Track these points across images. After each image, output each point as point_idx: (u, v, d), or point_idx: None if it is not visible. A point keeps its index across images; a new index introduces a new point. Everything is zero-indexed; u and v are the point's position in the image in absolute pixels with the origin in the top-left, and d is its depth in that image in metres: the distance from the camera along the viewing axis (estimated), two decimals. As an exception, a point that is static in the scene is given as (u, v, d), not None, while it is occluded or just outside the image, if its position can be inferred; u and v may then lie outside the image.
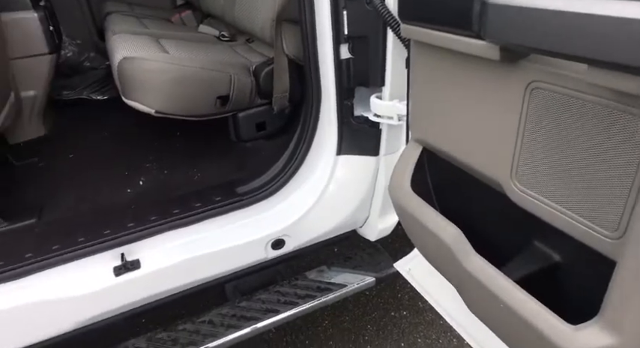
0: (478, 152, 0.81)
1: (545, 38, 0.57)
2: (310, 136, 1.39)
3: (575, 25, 0.53)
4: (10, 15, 1.62)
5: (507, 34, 0.61)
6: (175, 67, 1.32)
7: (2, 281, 1.12)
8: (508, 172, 0.75)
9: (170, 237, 1.30)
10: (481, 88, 0.75)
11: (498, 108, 0.73)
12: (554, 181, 0.68)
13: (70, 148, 1.78)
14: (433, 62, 0.84)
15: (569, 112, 0.63)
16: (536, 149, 0.69)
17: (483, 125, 0.78)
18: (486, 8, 0.63)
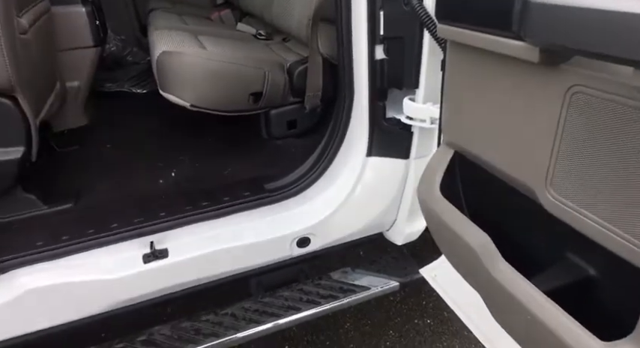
0: (512, 157, 0.79)
1: (590, 39, 0.54)
2: (341, 137, 1.39)
3: (623, 25, 0.50)
4: (60, 8, 1.70)
5: (550, 35, 0.59)
6: (211, 62, 1.34)
7: (40, 261, 1.17)
8: (543, 179, 0.73)
9: (198, 228, 1.32)
10: (518, 91, 0.73)
11: (535, 112, 0.71)
12: (592, 190, 0.65)
13: (108, 137, 1.84)
14: (469, 64, 0.82)
15: (612, 119, 0.60)
16: (575, 157, 0.67)
17: (519, 130, 0.75)
18: (528, 7, 0.61)
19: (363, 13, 1.17)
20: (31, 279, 1.16)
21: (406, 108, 1.25)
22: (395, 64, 1.22)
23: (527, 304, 0.71)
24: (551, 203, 0.72)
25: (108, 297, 1.24)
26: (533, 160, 0.74)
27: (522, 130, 0.75)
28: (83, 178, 1.53)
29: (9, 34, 1.14)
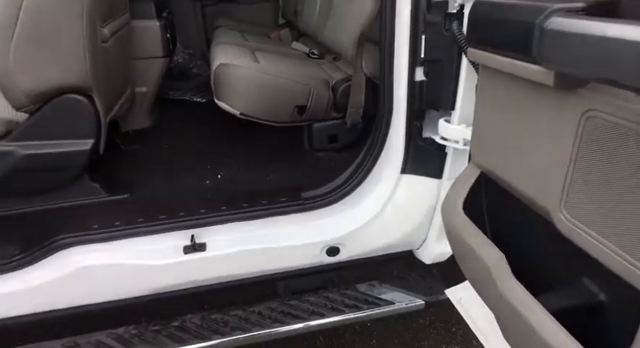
0: (530, 178, 0.81)
1: (601, 67, 0.58)
2: (377, 152, 1.44)
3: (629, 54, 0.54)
4: (138, 22, 1.90)
5: (564, 61, 0.63)
6: (262, 76, 1.46)
7: (93, 242, 1.31)
8: (557, 200, 0.75)
9: (236, 227, 1.42)
10: (536, 114, 0.76)
11: (552, 134, 0.74)
12: (603, 215, 0.67)
13: (167, 139, 2.01)
14: (495, 87, 0.86)
15: (625, 145, 0.62)
16: (589, 180, 0.69)
17: (537, 151, 0.78)
18: (546, 34, 0.65)
19: (405, 37, 1.24)
20: (84, 258, 1.30)
21: (441, 129, 1.29)
22: (433, 86, 1.27)
23: (531, 321, 0.72)
24: (564, 225, 0.74)
25: (148, 281, 1.35)
26: (549, 181, 0.76)
27: (540, 151, 0.77)
28: (140, 173, 1.69)
29: (92, 42, 1.32)
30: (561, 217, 0.74)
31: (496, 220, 1.01)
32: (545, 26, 0.64)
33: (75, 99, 1.38)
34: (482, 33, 0.83)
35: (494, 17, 0.79)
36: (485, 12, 0.82)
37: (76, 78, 1.34)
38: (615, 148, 0.64)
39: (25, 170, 1.39)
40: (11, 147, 1.36)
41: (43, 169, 1.42)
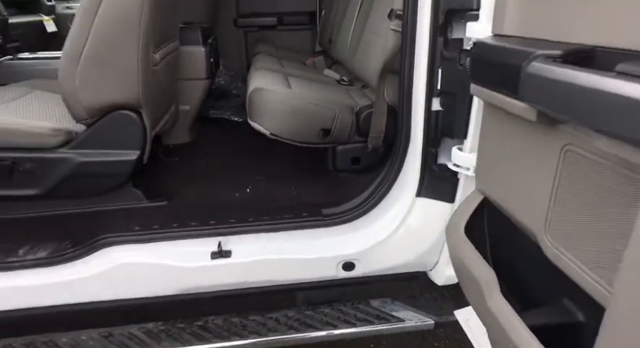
0: (521, 205, 0.89)
1: (567, 108, 0.67)
2: (394, 175, 1.53)
3: (590, 99, 0.62)
4: (186, 47, 2.11)
5: (540, 101, 0.72)
6: (291, 100, 1.60)
7: (133, 242, 1.46)
8: (543, 226, 0.82)
9: (260, 237, 1.53)
10: (525, 145, 0.84)
11: (539, 165, 0.82)
12: (579, 240, 0.74)
13: (204, 154, 2.18)
14: (493, 119, 0.96)
15: (594, 177, 0.70)
16: (566, 208, 0.76)
17: (526, 180, 0.86)
18: (527, 76, 0.74)
19: (423, 69, 1.34)
20: (123, 255, 1.45)
21: (454, 156, 1.37)
22: (448, 115, 1.36)
23: (511, 335, 0.79)
24: (548, 248, 0.81)
25: (177, 282, 1.48)
26: (536, 208, 0.84)
27: (529, 180, 0.86)
28: (178, 183, 1.85)
29: (144, 66, 1.50)
30: (546, 241, 0.82)
31: (496, 242, 1.08)
32: (528, 69, 0.73)
33: (126, 115, 1.56)
34: (482, 71, 0.93)
35: (490, 58, 0.89)
36: (484, 53, 0.92)
37: (129, 97, 1.52)
38: (587, 179, 0.72)
39: (79, 175, 1.58)
40: (70, 154, 1.55)
41: (94, 175, 1.61)
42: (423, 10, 1.30)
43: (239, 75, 3.14)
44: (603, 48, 0.68)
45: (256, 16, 3.28)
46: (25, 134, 1.53)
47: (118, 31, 1.43)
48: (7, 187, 1.53)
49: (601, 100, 0.56)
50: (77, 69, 1.46)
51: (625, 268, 0.57)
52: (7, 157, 1.52)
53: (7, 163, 1.51)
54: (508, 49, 0.83)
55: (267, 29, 3.29)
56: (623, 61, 0.60)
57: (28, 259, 1.41)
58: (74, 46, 1.44)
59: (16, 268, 1.39)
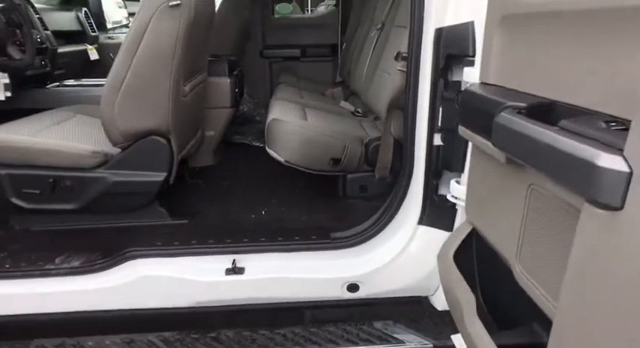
0: (499, 235, 0.99)
1: (524, 154, 0.78)
2: (398, 204, 1.64)
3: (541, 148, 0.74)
4: (213, 78, 2.30)
5: (504, 147, 0.83)
6: (305, 131, 1.75)
7: (155, 256, 1.61)
8: (515, 255, 0.92)
9: (271, 257, 1.65)
10: (501, 182, 0.95)
11: (512, 200, 0.92)
12: (540, 268, 0.84)
13: (226, 177, 2.35)
14: (477, 157, 1.07)
15: (551, 213, 0.81)
16: (532, 239, 0.86)
17: (503, 213, 0.97)
18: (496, 124, 0.86)
19: (426, 107, 1.46)
20: (146, 268, 1.59)
21: (452, 188, 1.47)
22: (448, 150, 1.47)
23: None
24: (518, 275, 0.91)
25: (194, 295, 1.61)
26: (510, 239, 0.94)
27: (505, 213, 0.96)
28: (200, 204, 2.01)
29: (175, 98, 1.68)
30: (517, 269, 0.91)
31: (483, 269, 1.17)
32: (497, 118, 0.85)
33: (156, 140, 1.74)
34: (466, 115, 1.05)
35: (473, 104, 1.01)
36: (469, 99, 1.04)
37: (160, 124, 1.70)
38: (546, 215, 0.82)
39: (112, 193, 1.75)
40: (105, 173, 1.73)
41: (125, 193, 1.78)
42: (426, 54, 1.43)
43: (263, 102, 3.32)
44: (560, 103, 0.79)
45: (281, 48, 3.50)
46: (67, 155, 1.72)
47: (153, 68, 1.61)
48: (49, 201, 1.72)
49: (544, 150, 0.68)
50: (117, 99, 1.64)
51: (564, 287, 0.67)
52: (50, 174, 1.71)
53: (51, 180, 1.69)
54: (486, 98, 0.95)
55: (291, 60, 3.49)
56: (572, 116, 0.72)
57: (63, 268, 1.57)
58: (115, 80, 1.63)
59: (52, 274, 1.55)
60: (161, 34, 1.57)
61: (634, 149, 0.53)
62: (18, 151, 1.69)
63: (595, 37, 0.69)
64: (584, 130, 0.63)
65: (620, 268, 0.55)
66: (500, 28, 1.01)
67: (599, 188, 0.56)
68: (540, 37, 0.86)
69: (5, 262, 1.60)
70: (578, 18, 0.73)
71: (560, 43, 0.79)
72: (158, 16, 1.54)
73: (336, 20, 3.56)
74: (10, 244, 1.71)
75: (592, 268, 0.60)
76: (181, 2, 1.55)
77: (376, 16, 2.49)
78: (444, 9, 1.36)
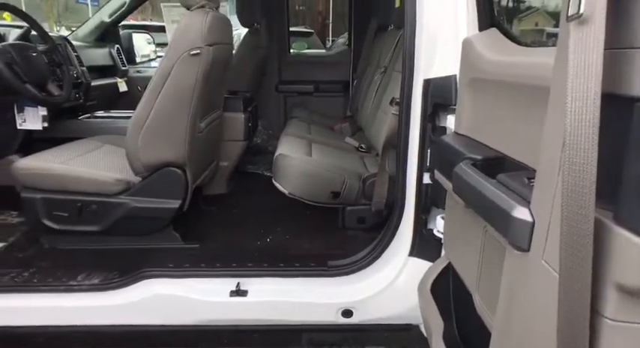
0: (465, 270, 1.12)
1: (470, 200, 0.92)
2: (391, 237, 1.77)
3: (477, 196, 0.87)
4: (228, 114, 2.51)
5: (461, 194, 0.98)
6: (308, 166, 1.91)
7: (167, 276, 1.77)
8: (475, 287, 1.05)
9: (272, 281, 1.79)
10: (464, 222, 1.09)
11: (472, 239, 1.06)
12: (491, 299, 0.96)
13: (237, 205, 2.52)
14: (449, 199, 1.21)
15: (496, 252, 0.94)
16: (486, 273, 0.99)
17: (467, 250, 1.10)
18: (454, 173, 1.00)
19: (416, 149, 1.61)
20: (158, 287, 1.75)
21: (438, 224, 1.60)
22: (436, 188, 1.61)
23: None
24: (477, 304, 1.04)
25: (200, 314, 1.76)
26: (472, 272, 1.07)
27: (468, 250, 1.09)
28: (211, 229, 2.18)
29: (191, 133, 1.88)
30: (476, 299, 1.04)
31: (456, 299, 1.29)
32: (456, 168, 0.99)
33: (173, 171, 1.93)
34: (440, 161, 1.20)
35: (444, 152, 1.16)
36: (441, 148, 1.19)
37: (177, 157, 1.89)
38: (494, 253, 0.95)
39: (131, 217, 1.93)
40: (127, 200, 1.92)
41: (143, 218, 1.96)
42: (416, 101, 1.59)
43: (276, 134, 3.51)
44: (509, 158, 0.94)
45: (296, 83, 3.73)
46: (94, 182, 1.92)
47: (173, 108, 1.82)
48: (76, 223, 1.91)
49: (482, 199, 0.82)
50: (140, 134, 1.85)
51: (497, 314, 0.80)
52: (79, 199, 1.91)
53: (79, 205, 1.89)
54: (453, 148, 1.10)
55: (305, 95, 3.71)
56: (516, 169, 0.86)
57: (85, 284, 1.74)
58: (140, 116, 1.84)
59: (75, 290, 1.72)
60: (182, 79, 1.78)
61: (535, 203, 0.67)
62: (52, 178, 1.90)
63: (521, 103, 0.84)
64: (512, 185, 0.78)
65: (528, 301, 0.69)
66: (468, 87, 1.16)
67: (513, 233, 0.70)
68: (494, 100, 1.01)
69: (34, 277, 1.79)
70: (511, 87, 0.88)
71: (505, 106, 0.94)
72: (180, 64, 1.75)
73: (348, 58, 3.78)
74: (39, 261, 1.90)
75: (512, 299, 0.73)
76: (201, 51, 1.76)
77: (381, 59, 2.69)
78: (431, 62, 1.52)
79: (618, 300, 0.49)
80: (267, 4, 3.54)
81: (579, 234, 0.50)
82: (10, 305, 1.72)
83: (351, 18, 3.88)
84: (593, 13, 0.45)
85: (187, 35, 1.76)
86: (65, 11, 27.51)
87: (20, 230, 2.20)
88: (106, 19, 3.33)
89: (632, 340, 0.49)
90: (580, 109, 0.48)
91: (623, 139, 0.47)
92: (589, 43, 0.47)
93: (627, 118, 0.47)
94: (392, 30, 2.83)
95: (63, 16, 26.93)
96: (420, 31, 1.50)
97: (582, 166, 0.48)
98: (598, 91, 0.47)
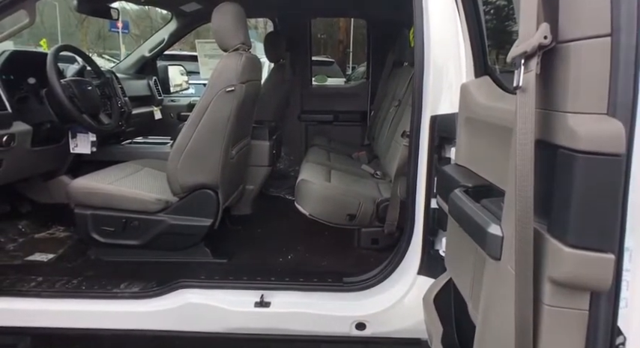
0: (461, 282, 1.30)
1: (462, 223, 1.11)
2: (401, 256, 1.94)
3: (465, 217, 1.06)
4: (255, 141, 2.76)
5: (455, 217, 1.17)
6: (326, 191, 2.13)
7: (198, 287, 1.97)
8: (469, 297, 1.22)
9: (293, 294, 1.97)
10: (461, 240, 1.27)
11: (467, 255, 1.24)
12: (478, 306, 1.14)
13: (261, 225, 2.73)
14: (450, 221, 1.39)
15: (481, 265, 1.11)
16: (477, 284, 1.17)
17: (463, 265, 1.28)
18: (450, 199, 1.19)
19: (424, 177, 1.80)
20: (191, 297, 1.95)
21: (444, 245, 1.78)
22: (443, 212, 1.79)
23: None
24: (470, 311, 1.21)
25: (227, 322, 1.94)
26: (467, 285, 1.24)
27: (464, 265, 1.27)
28: (238, 246, 2.39)
29: (224, 160, 2.12)
30: (469, 306, 1.21)
31: (457, 309, 1.46)
32: (451, 195, 1.19)
33: (207, 193, 2.16)
34: (440, 188, 1.39)
35: (443, 181, 1.36)
36: (442, 176, 1.39)
37: (211, 180, 2.13)
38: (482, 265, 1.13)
39: (168, 233, 2.17)
40: (165, 217, 2.16)
41: (178, 234, 2.19)
42: (424, 135, 1.79)
43: (298, 160, 3.76)
44: (494, 185, 1.13)
45: (317, 113, 3.99)
46: (137, 201, 2.16)
47: (210, 137, 2.07)
48: (120, 237, 2.15)
49: (468, 219, 1.01)
50: (180, 159, 2.10)
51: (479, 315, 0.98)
52: (123, 216, 2.15)
53: (124, 221, 2.13)
54: (451, 177, 1.30)
55: (325, 124, 3.96)
56: (497, 196, 1.05)
57: (126, 292, 1.96)
58: (181, 143, 2.10)
59: (117, 297, 1.94)
60: (218, 112, 2.03)
61: (504, 221, 0.86)
62: (101, 197, 2.15)
63: (503, 140, 1.04)
64: (491, 207, 0.97)
65: (501, 299, 0.87)
66: (464, 125, 1.37)
67: (489, 246, 0.89)
68: (483, 136, 1.21)
69: (82, 285, 2.02)
70: (495, 127, 1.08)
71: (491, 142, 1.14)
72: (217, 99, 2.01)
73: (365, 90, 4.04)
74: (87, 270, 2.13)
75: (489, 298, 0.91)
76: (235, 89, 2.02)
77: (396, 93, 2.92)
78: (437, 101, 1.73)
79: (552, 290, 0.66)
80: (292, 40, 3.85)
81: (525, 241, 0.69)
82: (60, 309, 1.94)
83: (369, 53, 4.16)
84: (528, 86, 0.66)
85: (224, 75, 2.02)
86: (98, 39, 28.97)
87: (67, 243, 2.45)
88: (147, 54, 3.68)
89: (565, 319, 0.67)
90: (523, 151, 0.68)
91: (551, 173, 0.66)
92: (526, 105, 0.67)
93: (553, 158, 0.66)
94: (406, 66, 3.07)
95: (95, 43, 28.34)
96: (428, 73, 1.71)
97: (525, 191, 0.68)
98: (532, 138, 0.67)
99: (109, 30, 24.36)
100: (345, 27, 17.71)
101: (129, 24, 25.62)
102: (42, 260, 2.28)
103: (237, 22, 2.09)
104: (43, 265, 2.24)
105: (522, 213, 0.68)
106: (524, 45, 0.67)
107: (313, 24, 4.26)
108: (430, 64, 1.71)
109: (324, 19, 14.86)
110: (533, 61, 0.65)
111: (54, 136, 2.45)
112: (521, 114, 0.68)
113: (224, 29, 2.08)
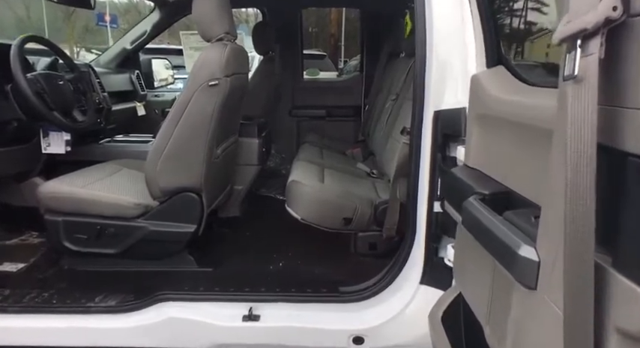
0: (475, 302, 1.14)
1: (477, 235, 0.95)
2: (402, 264, 1.79)
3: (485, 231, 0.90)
4: (243, 139, 2.58)
5: (469, 226, 1.01)
6: (321, 193, 1.96)
7: (181, 300, 1.80)
8: (486, 320, 1.07)
9: (284, 306, 1.81)
10: (475, 255, 1.11)
11: (483, 272, 1.08)
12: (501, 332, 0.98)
13: (250, 228, 2.56)
14: (459, 230, 1.23)
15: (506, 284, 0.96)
16: (497, 306, 1.01)
17: (478, 283, 1.12)
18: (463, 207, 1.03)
19: (427, 178, 1.64)
20: (173, 310, 1.78)
21: (448, 253, 1.62)
22: (446, 217, 1.64)
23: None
24: (487, 335, 1.05)
25: (212, 338, 1.78)
26: (483, 307, 1.09)
27: (479, 283, 1.11)
28: (225, 253, 2.21)
29: (207, 160, 1.94)
30: (486, 330, 1.06)
31: (467, 328, 1.30)
32: (465, 203, 1.03)
33: (189, 196, 1.98)
34: (449, 193, 1.23)
35: (453, 185, 1.20)
36: (451, 180, 1.23)
37: (193, 183, 1.95)
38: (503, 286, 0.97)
39: (148, 241, 1.99)
40: (144, 223, 1.98)
41: (159, 241, 2.01)
42: (426, 132, 1.63)
43: (289, 158, 3.58)
44: (514, 192, 0.97)
45: (308, 108, 3.81)
46: (113, 206, 1.98)
47: (191, 135, 1.89)
48: (95, 246, 1.97)
49: (489, 234, 0.85)
50: (159, 160, 1.92)
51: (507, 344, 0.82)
52: (98, 222, 1.97)
53: (98, 227, 1.95)
54: (462, 181, 1.14)
55: (317, 119, 3.78)
56: (521, 206, 0.89)
57: (101, 306, 1.78)
58: (159, 144, 1.91)
59: (92, 312, 1.76)
60: (200, 108, 1.85)
61: (541, 243, 0.70)
62: (73, 202, 1.97)
63: (526, 141, 0.88)
64: (518, 222, 0.81)
65: (535, 337, 0.71)
66: (477, 122, 1.20)
67: (520, 271, 0.73)
68: (501, 136, 1.05)
69: (53, 298, 1.84)
70: (516, 126, 0.92)
71: (510, 142, 0.98)
72: (199, 94, 1.83)
73: (359, 84, 3.86)
74: (59, 282, 1.95)
75: (519, 334, 0.75)
76: (219, 82, 1.84)
77: (393, 86, 2.75)
78: (441, 94, 1.56)
79: (620, 344, 0.51)
80: (282, 32, 3.66)
81: (581, 277, 0.53)
82: (29, 326, 1.77)
83: (363, 45, 3.98)
84: (586, 75, 0.49)
85: (206, 67, 1.84)
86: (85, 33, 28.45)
87: (40, 251, 2.26)
88: (128, 47, 3.47)
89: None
90: (578, 161, 0.52)
91: (619, 189, 0.51)
92: (584, 100, 0.51)
93: (619, 169, 0.50)
94: (403, 58, 2.90)
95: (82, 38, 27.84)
96: (430, 64, 1.55)
97: (582, 213, 0.51)
98: (594, 144, 0.50)
99: (96, 24, 23.90)
100: (336, 20, 17.48)
101: (117, 18, 25.13)
102: (11, 270, 2.09)
103: (220, 9, 1.91)
104: (12, 275, 2.05)
105: (577, 241, 0.52)
106: (580, 20, 0.50)
107: (304, 16, 4.06)
108: (432, 53, 1.54)
109: (316, 12, 14.61)
110: (594, 41, 0.49)
111: (23, 135, 2.25)
112: (576, 112, 0.51)
113: (206, 17, 1.90)
